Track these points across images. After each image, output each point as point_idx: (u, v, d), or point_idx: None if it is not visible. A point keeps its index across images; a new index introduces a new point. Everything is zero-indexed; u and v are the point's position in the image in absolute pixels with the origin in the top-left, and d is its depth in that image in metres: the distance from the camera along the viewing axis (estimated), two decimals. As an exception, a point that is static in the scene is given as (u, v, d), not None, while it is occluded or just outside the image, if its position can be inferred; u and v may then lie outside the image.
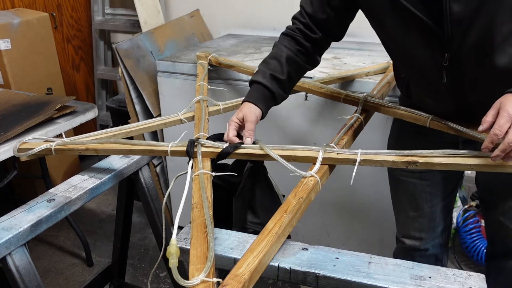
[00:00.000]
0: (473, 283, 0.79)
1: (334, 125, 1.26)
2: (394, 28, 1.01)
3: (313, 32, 1.15)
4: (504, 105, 0.84)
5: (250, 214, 1.06)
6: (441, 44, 0.94)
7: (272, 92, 1.13)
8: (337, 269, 0.82)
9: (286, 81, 1.15)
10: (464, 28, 0.90)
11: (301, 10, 1.17)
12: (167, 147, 1.10)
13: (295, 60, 1.16)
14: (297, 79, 1.21)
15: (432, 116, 1.13)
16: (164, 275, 2.06)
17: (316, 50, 1.19)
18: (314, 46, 1.17)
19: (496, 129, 0.83)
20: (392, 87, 1.54)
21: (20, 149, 1.27)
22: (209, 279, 0.72)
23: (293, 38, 1.17)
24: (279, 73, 1.13)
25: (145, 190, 1.41)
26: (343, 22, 1.16)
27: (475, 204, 1.99)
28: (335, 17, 1.12)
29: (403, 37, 1.01)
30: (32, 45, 2.30)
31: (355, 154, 0.99)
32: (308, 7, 1.14)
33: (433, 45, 0.96)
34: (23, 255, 1.02)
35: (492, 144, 0.85)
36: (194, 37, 2.48)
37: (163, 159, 2.33)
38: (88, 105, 1.80)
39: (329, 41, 1.20)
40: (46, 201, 1.11)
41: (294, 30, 1.17)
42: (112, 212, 2.55)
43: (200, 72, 1.71)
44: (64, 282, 2.07)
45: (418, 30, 0.96)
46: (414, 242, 1.34)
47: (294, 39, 1.17)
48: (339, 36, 1.19)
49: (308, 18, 1.14)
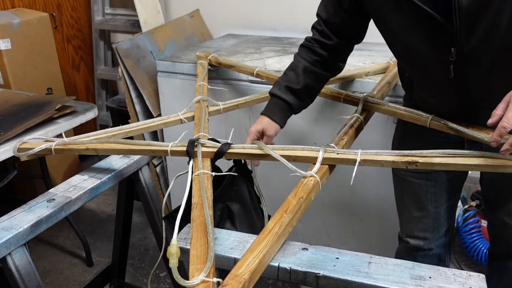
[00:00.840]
0: (473, 283, 0.79)
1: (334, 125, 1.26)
2: (399, 26, 1.01)
3: (329, 39, 1.18)
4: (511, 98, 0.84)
5: (228, 223, 1.06)
6: (449, 38, 0.94)
7: (289, 103, 1.19)
8: (337, 269, 0.82)
9: (302, 91, 1.19)
10: (472, 21, 0.90)
11: (318, 19, 1.21)
12: (167, 147, 1.10)
13: (312, 69, 1.20)
14: (319, 87, 1.26)
15: (432, 116, 1.12)
16: (164, 275, 2.06)
17: (334, 57, 1.22)
18: (331, 53, 1.20)
19: (504, 122, 0.83)
20: (392, 87, 1.54)
21: (20, 149, 1.27)
22: (209, 279, 0.72)
23: (310, 48, 1.21)
24: (294, 84, 1.19)
25: (145, 190, 1.41)
26: (358, 25, 1.18)
27: (475, 204, 1.99)
28: (348, 20, 1.14)
29: (409, 35, 1.01)
30: (32, 45, 2.30)
31: (355, 154, 0.99)
32: (323, 14, 1.18)
33: (440, 40, 0.96)
34: (23, 255, 1.02)
35: (500, 137, 0.84)
36: (194, 37, 2.48)
37: (163, 159, 2.33)
38: (88, 105, 1.80)
39: (348, 45, 1.23)
40: (46, 201, 1.11)
41: (310, 41, 1.22)
42: (112, 212, 2.55)
43: (200, 72, 1.72)
44: (64, 282, 2.07)
45: (425, 26, 0.96)
46: (419, 242, 1.34)
47: (310, 49, 1.21)
48: (358, 39, 1.22)
49: (323, 25, 1.18)
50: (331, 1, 1.15)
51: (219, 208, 1.06)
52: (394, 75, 1.54)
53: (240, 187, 1.11)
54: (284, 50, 2.10)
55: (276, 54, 2.02)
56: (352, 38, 1.21)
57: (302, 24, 2.40)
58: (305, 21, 2.43)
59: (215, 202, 1.06)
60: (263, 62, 1.89)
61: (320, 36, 1.19)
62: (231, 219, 1.06)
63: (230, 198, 1.08)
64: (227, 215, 1.07)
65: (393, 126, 1.37)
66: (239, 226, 1.05)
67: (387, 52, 1.23)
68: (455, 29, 0.91)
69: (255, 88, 1.80)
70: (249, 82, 1.82)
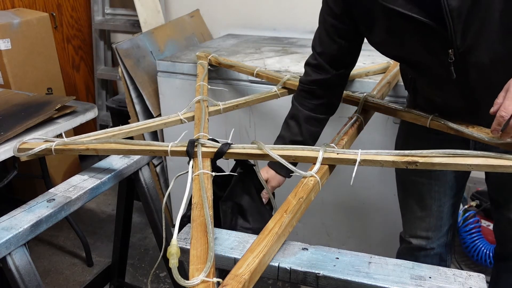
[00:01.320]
0: (473, 283, 0.79)
1: (334, 125, 1.26)
2: (395, 38, 1.02)
3: (326, 72, 1.16)
4: (510, 86, 0.85)
5: (241, 219, 1.08)
6: (445, 40, 0.94)
7: None
8: (337, 269, 0.82)
9: (306, 139, 1.21)
10: (464, 20, 0.91)
11: (313, 53, 1.19)
12: (167, 147, 1.10)
13: (312, 117, 1.20)
14: (321, 129, 1.25)
15: (432, 116, 1.12)
16: (164, 275, 2.06)
17: (332, 95, 1.22)
18: (329, 91, 1.20)
19: (502, 111, 0.84)
20: (392, 87, 1.54)
21: (20, 149, 1.27)
22: (209, 279, 0.72)
23: (308, 92, 1.20)
24: (298, 136, 1.20)
25: (145, 190, 1.41)
26: (354, 50, 1.17)
27: (475, 204, 1.99)
28: (346, 45, 1.13)
29: (406, 44, 1.01)
30: (32, 45, 2.30)
31: (355, 154, 0.99)
32: (318, 47, 1.16)
33: (436, 44, 0.96)
34: (23, 255, 1.02)
35: (499, 126, 0.86)
36: (194, 37, 2.48)
37: (163, 159, 2.33)
38: (88, 105, 1.80)
39: (343, 75, 1.21)
40: (46, 201, 1.11)
41: (307, 83, 1.20)
42: (112, 212, 2.55)
43: (200, 72, 1.72)
44: (64, 282, 2.07)
45: (420, 33, 0.96)
46: (421, 241, 1.34)
47: (309, 93, 1.20)
48: (352, 64, 1.21)
49: (319, 58, 1.16)
50: (325, 31, 1.13)
51: (229, 206, 1.08)
52: (394, 75, 1.54)
53: (246, 183, 1.12)
54: (284, 50, 2.10)
55: (276, 54, 2.02)
56: (347, 65, 1.20)
57: (302, 24, 2.40)
58: (305, 21, 2.44)
59: (224, 202, 1.09)
60: (263, 62, 1.89)
61: (317, 74, 1.17)
62: (243, 215, 1.08)
63: (237, 195, 1.10)
64: (237, 212, 1.08)
65: (393, 126, 1.38)
66: (251, 219, 1.07)
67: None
68: (450, 31, 0.92)
69: (255, 88, 1.80)
70: (249, 82, 1.82)
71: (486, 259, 1.86)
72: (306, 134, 1.20)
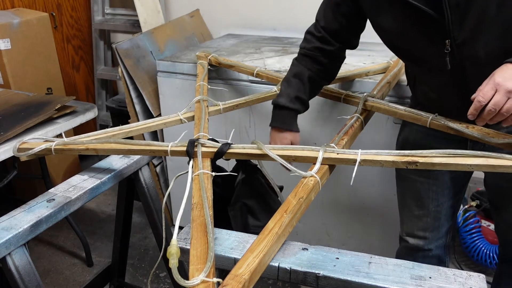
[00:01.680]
0: (473, 283, 0.79)
1: (334, 125, 1.27)
2: (394, 24, 1.05)
3: (330, 44, 1.22)
4: (493, 74, 0.88)
5: (251, 218, 1.09)
6: (442, 30, 0.97)
7: (298, 111, 1.26)
8: (337, 269, 0.82)
9: (307, 98, 1.27)
10: (462, 11, 0.94)
11: (316, 24, 1.24)
12: (167, 147, 1.10)
13: (315, 79, 1.26)
14: (317, 93, 1.33)
15: (432, 116, 1.12)
16: (164, 275, 2.06)
17: (334, 64, 1.28)
18: (331, 60, 1.25)
19: (479, 96, 0.87)
20: (392, 87, 1.54)
21: (20, 149, 1.27)
22: (209, 279, 0.72)
23: (312, 58, 1.25)
24: (302, 93, 1.24)
25: (145, 190, 1.41)
26: (355, 28, 1.22)
27: (475, 204, 1.99)
28: (347, 25, 1.18)
29: (404, 31, 1.04)
30: (32, 45, 2.30)
31: (355, 154, 0.99)
32: (322, 20, 1.21)
33: (434, 33, 0.99)
34: (23, 255, 1.02)
35: (476, 111, 0.89)
36: (194, 37, 2.48)
37: (163, 159, 2.33)
38: (88, 105, 1.80)
39: (344, 50, 1.27)
40: (46, 201, 1.11)
41: (311, 49, 1.25)
42: (112, 212, 2.55)
43: (200, 72, 1.71)
44: (64, 282, 2.07)
45: (418, 21, 0.99)
46: (418, 241, 1.34)
47: (313, 58, 1.25)
48: (354, 45, 1.26)
49: (323, 31, 1.21)
50: (330, 7, 1.18)
51: (238, 207, 1.10)
52: (394, 75, 1.54)
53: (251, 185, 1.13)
54: (284, 50, 2.10)
55: (276, 54, 2.02)
56: (349, 43, 1.25)
57: (302, 24, 2.38)
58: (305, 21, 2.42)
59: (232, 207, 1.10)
60: (263, 62, 1.89)
61: (321, 43, 1.22)
62: (252, 214, 1.09)
63: (244, 195, 1.11)
64: (247, 211, 1.10)
65: (393, 126, 1.38)
66: (261, 216, 1.09)
67: (387, 52, 1.24)
68: (447, 21, 0.95)
69: (255, 88, 1.80)
70: (249, 82, 1.82)
71: (486, 259, 1.86)
72: (309, 95, 1.26)
